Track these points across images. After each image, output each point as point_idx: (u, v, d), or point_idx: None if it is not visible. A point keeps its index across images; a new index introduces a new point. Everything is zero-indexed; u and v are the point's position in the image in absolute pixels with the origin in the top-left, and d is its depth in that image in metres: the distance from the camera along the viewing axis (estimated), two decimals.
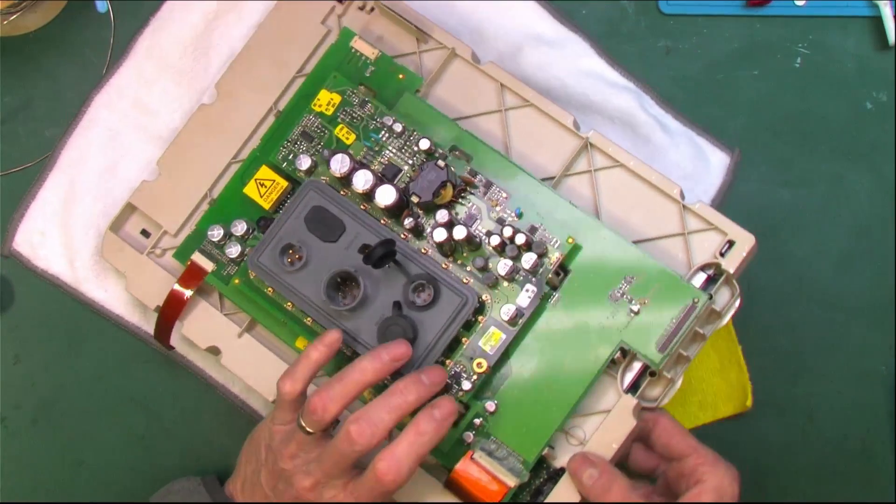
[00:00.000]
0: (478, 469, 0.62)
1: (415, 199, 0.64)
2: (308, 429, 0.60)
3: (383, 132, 0.67)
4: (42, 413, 0.76)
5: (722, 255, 0.64)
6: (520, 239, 0.63)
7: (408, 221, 0.65)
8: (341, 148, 0.66)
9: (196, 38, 0.76)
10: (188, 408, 0.76)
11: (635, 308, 0.62)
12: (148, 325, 0.75)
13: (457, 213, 0.65)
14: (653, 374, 0.64)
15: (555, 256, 0.63)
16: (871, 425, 0.75)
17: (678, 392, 0.74)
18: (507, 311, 0.62)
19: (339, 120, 0.68)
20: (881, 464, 0.75)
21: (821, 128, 0.77)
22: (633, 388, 0.64)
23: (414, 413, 0.60)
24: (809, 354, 0.76)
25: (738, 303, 0.64)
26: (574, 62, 0.75)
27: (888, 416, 0.75)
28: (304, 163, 0.67)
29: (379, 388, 0.62)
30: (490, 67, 0.68)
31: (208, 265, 0.68)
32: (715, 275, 0.64)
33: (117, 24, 0.79)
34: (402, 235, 0.65)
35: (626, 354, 0.63)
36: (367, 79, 0.69)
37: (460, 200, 0.65)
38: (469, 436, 0.63)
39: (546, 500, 0.62)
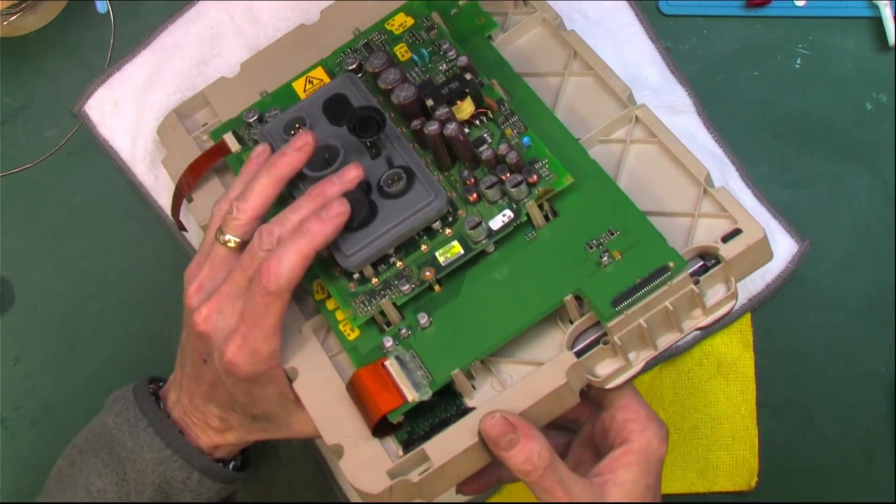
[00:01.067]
0: (382, 375, 0.58)
1: (429, 103, 0.62)
2: (226, 234, 0.60)
3: (436, 55, 0.66)
4: (42, 414, 0.76)
5: (724, 241, 0.58)
6: (512, 157, 0.60)
7: (415, 123, 0.63)
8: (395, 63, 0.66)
9: None
10: None
11: (605, 259, 0.58)
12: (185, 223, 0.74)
13: (468, 131, 0.62)
14: (607, 342, 0.57)
15: (543, 188, 0.60)
16: (871, 425, 0.75)
17: (680, 455, 0.74)
18: (471, 221, 0.59)
19: (403, 39, 0.68)
20: (881, 464, 0.75)
21: (821, 128, 0.77)
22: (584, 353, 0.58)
23: None
24: (809, 355, 0.76)
25: (730, 305, 0.58)
26: (672, 115, 0.76)
27: (888, 416, 0.75)
28: (351, 63, 0.68)
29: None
30: (571, 35, 0.67)
31: (235, 146, 0.69)
32: (713, 264, 0.58)
33: (117, 24, 0.79)
34: (412, 145, 0.63)
35: (583, 306, 0.58)
36: (448, 17, 0.69)
37: (477, 122, 0.63)
38: (389, 342, 0.60)
39: (443, 434, 0.57)
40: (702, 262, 0.58)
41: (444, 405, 0.59)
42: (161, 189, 0.77)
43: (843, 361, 0.75)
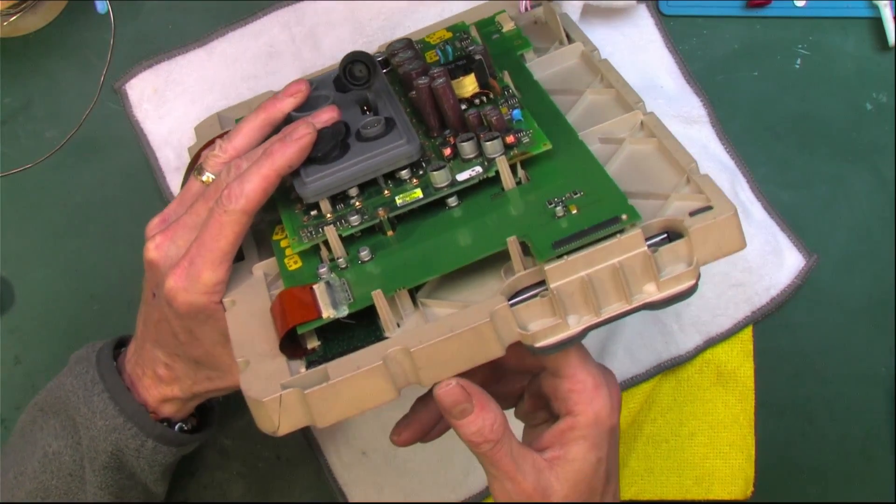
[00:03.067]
0: (306, 296, 0.56)
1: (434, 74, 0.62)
2: (204, 171, 0.60)
3: (458, 52, 0.66)
4: None
5: (692, 216, 0.55)
6: (493, 115, 0.59)
7: (411, 93, 0.63)
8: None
9: (394, 11, 0.77)
10: None
11: (560, 211, 0.55)
12: None
13: (466, 110, 0.61)
14: (545, 296, 0.54)
15: (520, 150, 0.59)
16: (871, 425, 0.75)
17: (676, 461, 0.75)
18: (436, 164, 0.59)
19: (436, 47, 0.68)
20: (881, 464, 0.75)
21: (821, 128, 0.77)
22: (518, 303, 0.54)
23: None
24: (809, 355, 0.76)
25: (689, 283, 0.53)
26: (685, 125, 0.76)
27: (888, 416, 0.75)
28: (379, 56, 0.68)
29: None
30: (604, 63, 0.67)
31: None
32: (675, 237, 0.55)
33: (117, 24, 0.79)
34: (405, 109, 0.63)
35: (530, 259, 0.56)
36: (489, 41, 0.70)
37: (477, 101, 0.62)
38: (324, 269, 0.58)
39: (348, 356, 0.55)
40: (665, 236, 0.55)
41: (363, 335, 0.57)
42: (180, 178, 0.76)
43: (843, 362, 0.76)
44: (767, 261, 0.74)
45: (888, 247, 0.76)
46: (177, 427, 0.65)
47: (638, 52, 0.77)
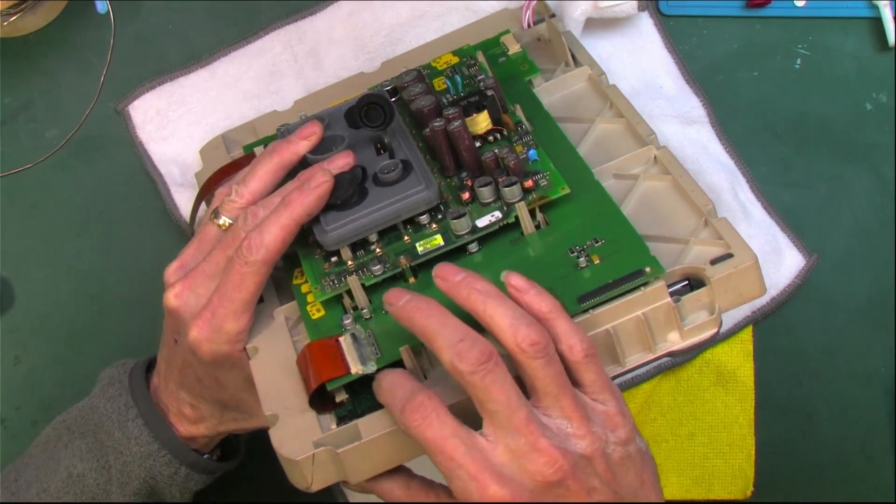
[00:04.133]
0: (332, 349, 0.57)
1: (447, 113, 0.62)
2: (221, 216, 0.60)
3: (468, 81, 0.66)
4: (42, 414, 0.76)
5: (713, 264, 0.56)
6: (511, 159, 0.59)
7: (426, 131, 0.62)
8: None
9: (395, 27, 0.77)
10: None
11: (583, 261, 0.56)
12: None
13: (481, 149, 0.62)
14: None
15: (538, 195, 0.59)
16: (871, 425, 0.75)
17: (676, 462, 0.75)
18: (455, 212, 0.59)
19: (444, 73, 0.68)
20: (881, 464, 0.75)
21: (821, 129, 0.77)
22: None
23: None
24: (809, 355, 0.76)
25: (712, 331, 0.55)
26: (685, 125, 0.76)
27: (888, 416, 0.75)
28: (386, 85, 0.68)
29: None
30: (612, 89, 0.67)
31: None
32: (696, 284, 0.56)
33: (117, 24, 0.79)
34: (417, 143, 0.63)
35: None
36: (496, 64, 0.70)
37: (490, 138, 0.62)
38: (348, 320, 0.59)
39: (380, 412, 0.55)
40: (686, 283, 0.56)
41: None
42: (185, 212, 0.76)
43: (843, 361, 0.76)
44: (767, 261, 0.74)
45: (888, 247, 0.76)
46: (204, 456, 0.65)
47: (638, 52, 0.77)
